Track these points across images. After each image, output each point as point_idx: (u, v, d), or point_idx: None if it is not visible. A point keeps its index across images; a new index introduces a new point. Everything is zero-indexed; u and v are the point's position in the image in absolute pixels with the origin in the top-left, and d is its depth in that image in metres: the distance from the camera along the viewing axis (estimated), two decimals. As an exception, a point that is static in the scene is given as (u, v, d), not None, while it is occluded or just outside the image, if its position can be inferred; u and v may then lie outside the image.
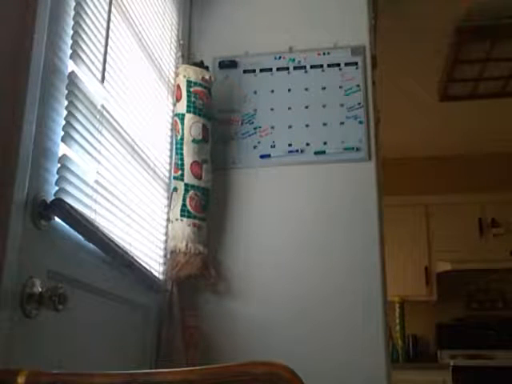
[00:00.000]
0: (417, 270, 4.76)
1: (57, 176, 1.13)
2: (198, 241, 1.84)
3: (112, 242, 1.33)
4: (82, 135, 1.25)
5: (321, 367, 1.77)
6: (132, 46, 1.65)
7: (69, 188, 1.17)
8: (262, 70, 2.13)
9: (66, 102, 1.19)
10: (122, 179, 1.51)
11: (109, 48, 1.41)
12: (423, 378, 4.26)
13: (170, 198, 1.90)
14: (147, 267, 1.67)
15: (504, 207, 4.79)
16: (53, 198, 1.10)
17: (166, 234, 1.89)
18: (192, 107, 1.90)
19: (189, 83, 1.92)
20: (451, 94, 4.00)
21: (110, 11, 1.43)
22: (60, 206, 1.09)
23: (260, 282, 1.91)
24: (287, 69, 2.12)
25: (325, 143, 2.01)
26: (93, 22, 1.33)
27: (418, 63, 3.68)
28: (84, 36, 1.27)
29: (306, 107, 2.06)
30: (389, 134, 4.13)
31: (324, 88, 2.07)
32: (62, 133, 1.17)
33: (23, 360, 1.00)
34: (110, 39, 1.42)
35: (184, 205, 1.84)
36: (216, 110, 2.06)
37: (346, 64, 2.08)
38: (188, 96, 1.90)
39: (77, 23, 1.24)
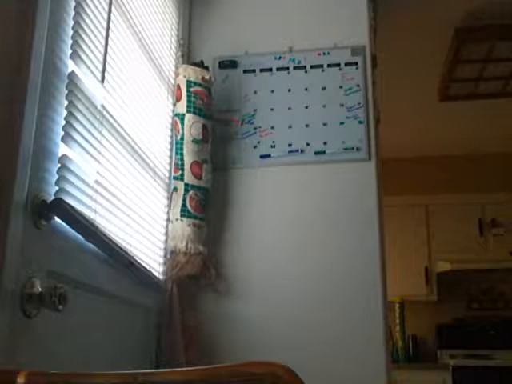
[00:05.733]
0: (417, 270, 4.76)
1: (57, 176, 1.13)
2: (198, 241, 1.84)
3: (112, 242, 1.33)
4: (82, 135, 1.25)
5: (321, 367, 1.77)
6: (132, 46, 1.65)
7: (69, 188, 1.17)
8: (262, 70, 2.13)
9: (66, 102, 1.19)
10: (122, 179, 1.51)
11: (109, 48, 1.41)
12: (423, 378, 4.26)
13: (169, 198, 1.90)
14: (147, 267, 1.67)
15: (504, 207, 4.79)
16: (53, 198, 1.10)
17: (166, 234, 1.89)
18: (192, 107, 1.90)
19: (189, 83, 1.92)
20: (451, 94, 3.99)
21: (110, 11, 1.43)
22: (60, 206, 1.09)
23: (260, 281, 1.91)
24: (287, 69, 2.11)
25: (325, 143, 2.01)
26: (93, 22, 1.33)
27: (418, 63, 3.68)
28: (84, 36, 1.27)
29: (306, 107, 2.06)
30: (389, 134, 4.14)
31: (324, 88, 2.07)
32: (62, 133, 1.17)
33: (23, 360, 1.00)
34: (110, 39, 1.42)
35: (184, 205, 1.84)
36: (216, 110, 2.06)
37: (346, 64, 2.08)
38: (188, 96, 1.91)
39: (77, 23, 1.24)
